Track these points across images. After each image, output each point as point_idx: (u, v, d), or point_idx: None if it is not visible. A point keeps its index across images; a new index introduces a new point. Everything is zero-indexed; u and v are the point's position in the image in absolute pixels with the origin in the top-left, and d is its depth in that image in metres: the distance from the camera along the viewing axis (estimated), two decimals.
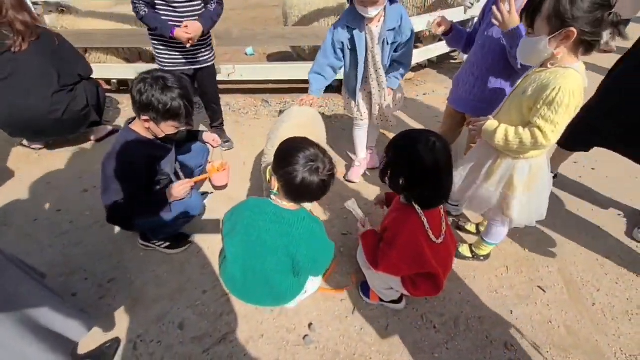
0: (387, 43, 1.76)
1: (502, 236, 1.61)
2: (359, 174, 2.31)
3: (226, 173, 2.09)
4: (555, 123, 1.13)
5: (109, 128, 2.85)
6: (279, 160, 1.19)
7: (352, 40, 1.76)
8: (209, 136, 1.94)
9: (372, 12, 1.61)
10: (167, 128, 1.50)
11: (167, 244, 1.77)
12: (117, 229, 1.92)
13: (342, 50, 1.83)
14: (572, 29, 1.05)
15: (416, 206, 1.22)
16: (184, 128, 1.59)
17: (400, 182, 1.21)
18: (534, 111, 1.17)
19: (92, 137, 2.75)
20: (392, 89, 1.95)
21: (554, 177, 2.18)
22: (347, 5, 1.74)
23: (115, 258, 1.76)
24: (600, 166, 2.40)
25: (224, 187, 2.15)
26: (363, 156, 2.32)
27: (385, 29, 1.70)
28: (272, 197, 1.27)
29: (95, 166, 2.43)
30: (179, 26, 1.97)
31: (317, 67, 1.89)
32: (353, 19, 1.70)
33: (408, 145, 1.20)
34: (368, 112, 2.07)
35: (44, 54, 2.30)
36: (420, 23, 3.37)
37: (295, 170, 1.13)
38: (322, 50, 1.85)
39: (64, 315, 1.17)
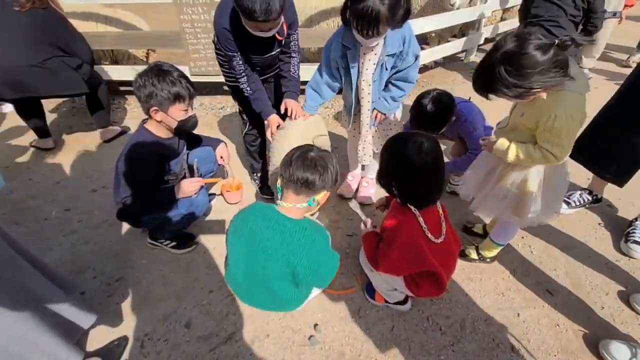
0: (386, 69, 1.58)
1: (511, 236, 1.61)
2: (351, 190, 2.17)
3: (240, 192, 2.11)
4: (562, 145, 1.16)
5: (118, 129, 2.88)
6: (283, 162, 1.27)
7: (344, 59, 1.61)
8: (220, 151, 1.92)
9: (371, 42, 1.43)
10: (176, 113, 1.53)
11: (174, 243, 1.79)
12: (125, 228, 1.95)
13: (338, 70, 1.68)
14: (536, 89, 1.06)
15: (412, 207, 1.23)
16: (194, 113, 1.61)
17: (392, 183, 1.24)
18: (539, 134, 1.19)
19: (101, 138, 2.79)
20: (381, 113, 1.73)
21: (599, 201, 2.05)
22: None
23: (123, 257, 1.78)
24: None
25: (237, 203, 2.14)
26: (357, 171, 2.22)
27: (384, 53, 1.52)
28: (278, 202, 1.31)
29: (104, 166, 2.47)
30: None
31: (313, 82, 1.75)
32: (348, 37, 1.52)
33: (397, 147, 1.23)
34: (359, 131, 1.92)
35: (41, 23, 2.22)
36: (427, 24, 3.37)
37: (295, 168, 1.23)
38: (319, 67, 1.75)
39: (71, 303, 1.21)
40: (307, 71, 3.20)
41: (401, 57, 1.57)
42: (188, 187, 1.61)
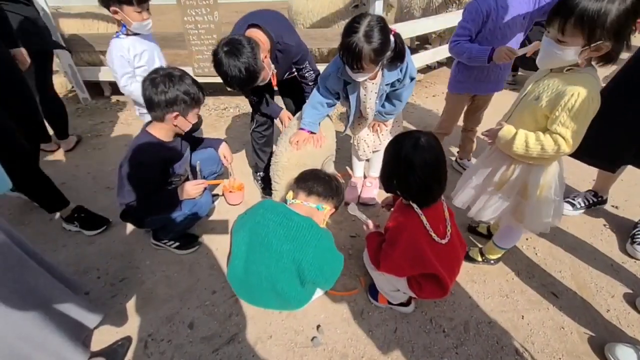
0: (386, 92, 1.64)
1: (515, 241, 1.59)
2: (353, 195, 2.14)
3: (241, 193, 2.13)
4: (577, 130, 1.11)
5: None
6: (298, 178, 1.47)
7: (345, 90, 1.66)
8: (223, 150, 1.94)
9: (359, 77, 1.46)
10: (193, 117, 1.58)
11: (177, 244, 1.79)
12: (129, 229, 1.96)
13: (338, 93, 1.72)
14: (608, 43, 1.01)
15: (414, 205, 1.22)
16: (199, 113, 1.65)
17: (394, 182, 1.24)
18: (553, 118, 1.14)
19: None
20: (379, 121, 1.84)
21: (603, 202, 2.02)
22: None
23: (126, 258, 1.79)
24: None
25: (239, 204, 2.16)
26: (360, 175, 2.22)
27: (383, 84, 1.57)
28: (289, 201, 1.36)
29: (108, 167, 2.48)
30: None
31: (313, 102, 1.74)
32: (344, 70, 1.51)
33: (395, 144, 1.23)
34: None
35: None
36: (430, 24, 3.36)
37: (310, 179, 1.44)
38: (317, 89, 1.73)
39: (78, 303, 1.22)
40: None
41: (399, 81, 1.60)
42: (191, 189, 1.63)
